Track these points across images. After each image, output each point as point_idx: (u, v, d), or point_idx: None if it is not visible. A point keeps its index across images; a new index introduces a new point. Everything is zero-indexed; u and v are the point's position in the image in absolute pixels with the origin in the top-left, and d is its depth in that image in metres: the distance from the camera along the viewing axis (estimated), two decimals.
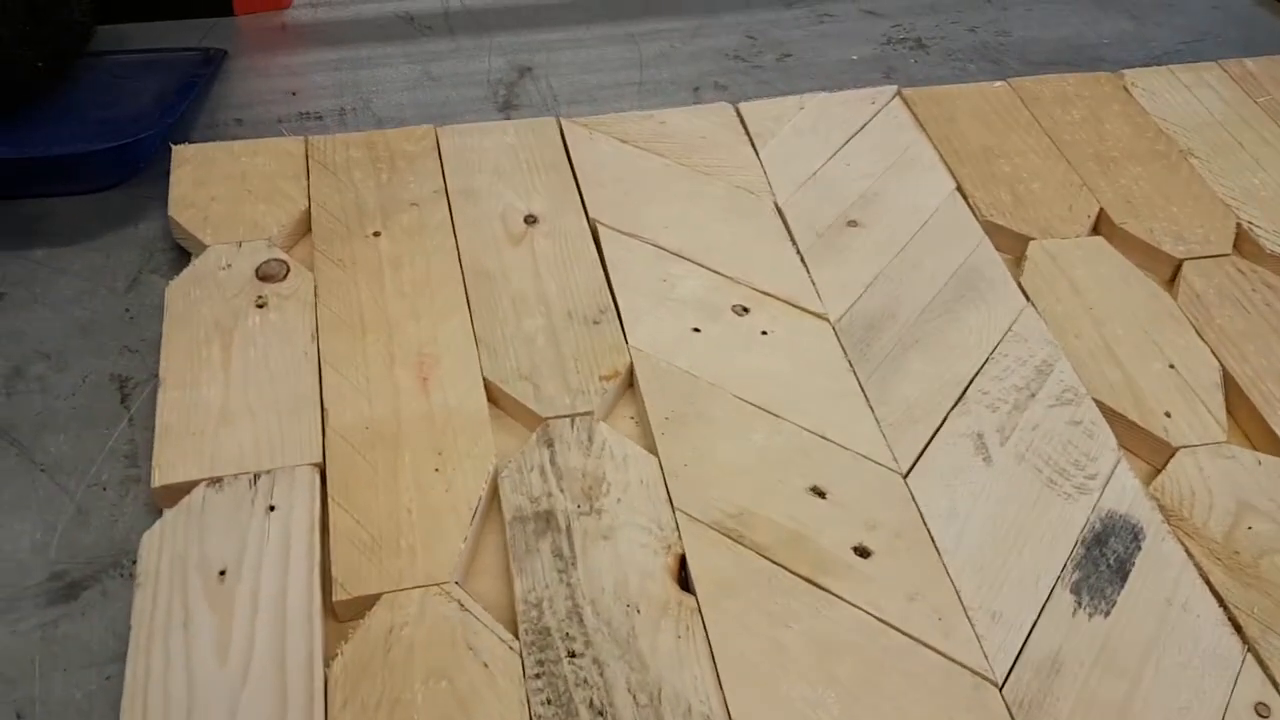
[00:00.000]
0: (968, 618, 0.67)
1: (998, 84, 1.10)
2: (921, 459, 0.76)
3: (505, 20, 1.21)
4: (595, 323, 0.84)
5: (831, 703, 0.62)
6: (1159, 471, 0.76)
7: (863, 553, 0.70)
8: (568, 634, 0.65)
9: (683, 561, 0.69)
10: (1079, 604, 0.68)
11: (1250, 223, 0.95)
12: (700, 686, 0.63)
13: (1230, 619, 0.68)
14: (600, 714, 0.61)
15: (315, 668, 0.62)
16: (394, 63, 1.14)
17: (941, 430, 0.78)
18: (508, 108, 1.09)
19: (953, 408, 0.79)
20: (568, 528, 0.70)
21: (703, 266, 0.89)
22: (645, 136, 1.01)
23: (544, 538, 0.69)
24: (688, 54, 1.17)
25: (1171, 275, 0.92)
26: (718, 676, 0.63)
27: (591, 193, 0.95)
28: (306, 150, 0.97)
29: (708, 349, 0.82)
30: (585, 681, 0.63)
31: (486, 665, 0.63)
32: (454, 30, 1.20)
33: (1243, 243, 0.94)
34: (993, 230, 0.94)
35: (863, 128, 1.04)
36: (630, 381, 0.80)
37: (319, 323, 0.82)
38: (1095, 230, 0.96)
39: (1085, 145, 1.03)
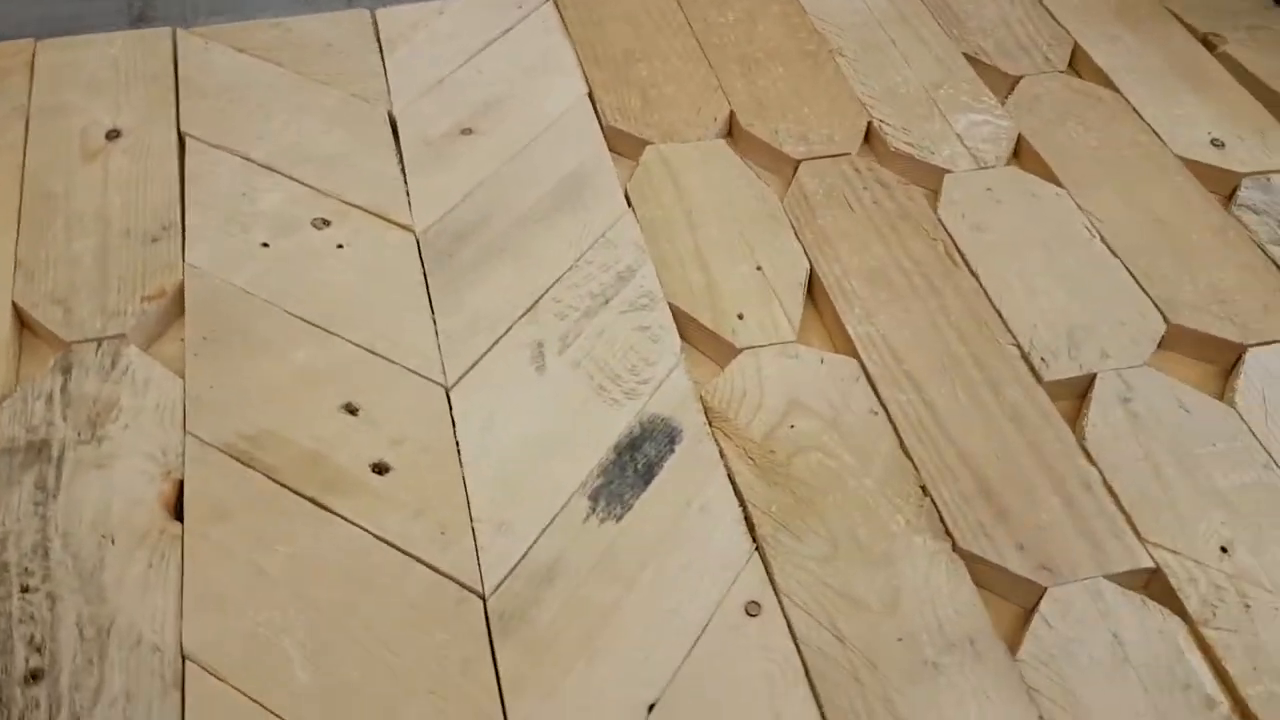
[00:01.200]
0: (473, 531, 0.64)
1: None
2: (471, 371, 0.73)
3: None
4: (154, 240, 0.79)
5: (299, 628, 0.60)
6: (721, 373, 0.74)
7: (381, 469, 0.67)
8: (27, 569, 0.61)
9: (180, 488, 0.65)
10: (593, 510, 0.66)
11: (881, 121, 0.93)
12: (158, 616, 0.60)
13: (746, 518, 0.66)
14: (39, 650, 0.58)
15: None
16: None
17: (501, 341, 0.74)
18: (140, 20, 1.02)
19: (520, 317, 0.76)
20: (59, 458, 0.66)
21: (291, 179, 0.84)
22: (266, 45, 0.96)
23: (30, 470, 0.65)
24: None
25: (792, 177, 0.90)
26: (181, 606, 0.60)
27: (190, 104, 0.89)
28: None
29: (273, 265, 0.78)
30: (31, 618, 0.59)
31: None
32: None
33: (872, 141, 0.92)
34: (615, 135, 0.91)
35: (505, 33, 1.00)
36: (180, 302, 0.76)
37: None
38: (727, 133, 0.93)
39: (733, 47, 0.99)
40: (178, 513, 0.64)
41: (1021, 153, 0.92)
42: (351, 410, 0.70)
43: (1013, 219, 0.85)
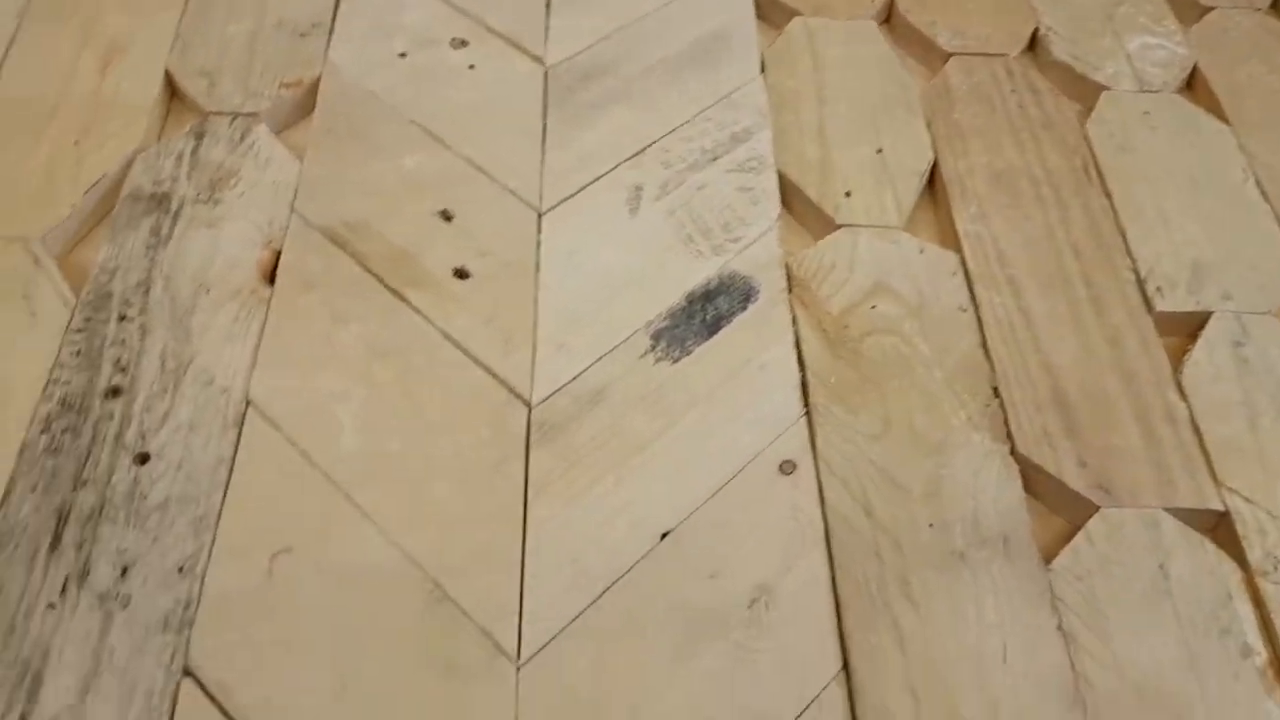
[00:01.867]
0: (534, 346, 0.66)
1: None
2: (567, 201, 0.74)
3: None
4: (303, 35, 0.82)
5: (354, 399, 0.63)
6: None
7: (462, 275, 0.69)
8: (128, 301, 0.66)
9: (277, 258, 0.69)
10: (653, 349, 0.66)
11: (1049, 29, 0.88)
12: (233, 364, 0.64)
13: (803, 384, 0.65)
14: (123, 371, 0.63)
15: None
16: None
17: (602, 179, 0.75)
18: None
19: (626, 160, 0.76)
20: (177, 212, 0.70)
21: None
22: None
23: (149, 217, 0.70)
24: None
25: (939, 70, 0.86)
26: (255, 359, 0.64)
27: None
28: None
29: (406, 75, 0.80)
30: (122, 342, 0.64)
31: (34, 314, 0.65)
32: None
33: (1035, 48, 0.88)
34: (765, 2, 0.89)
35: None
36: (314, 95, 0.79)
37: (29, 7, 0.82)
38: (884, 20, 0.90)
39: None
40: (271, 279, 0.68)
41: (1194, 85, 0.86)
42: (446, 217, 0.72)
43: (1164, 147, 0.80)
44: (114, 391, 0.62)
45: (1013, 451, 0.63)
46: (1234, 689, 0.55)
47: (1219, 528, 0.61)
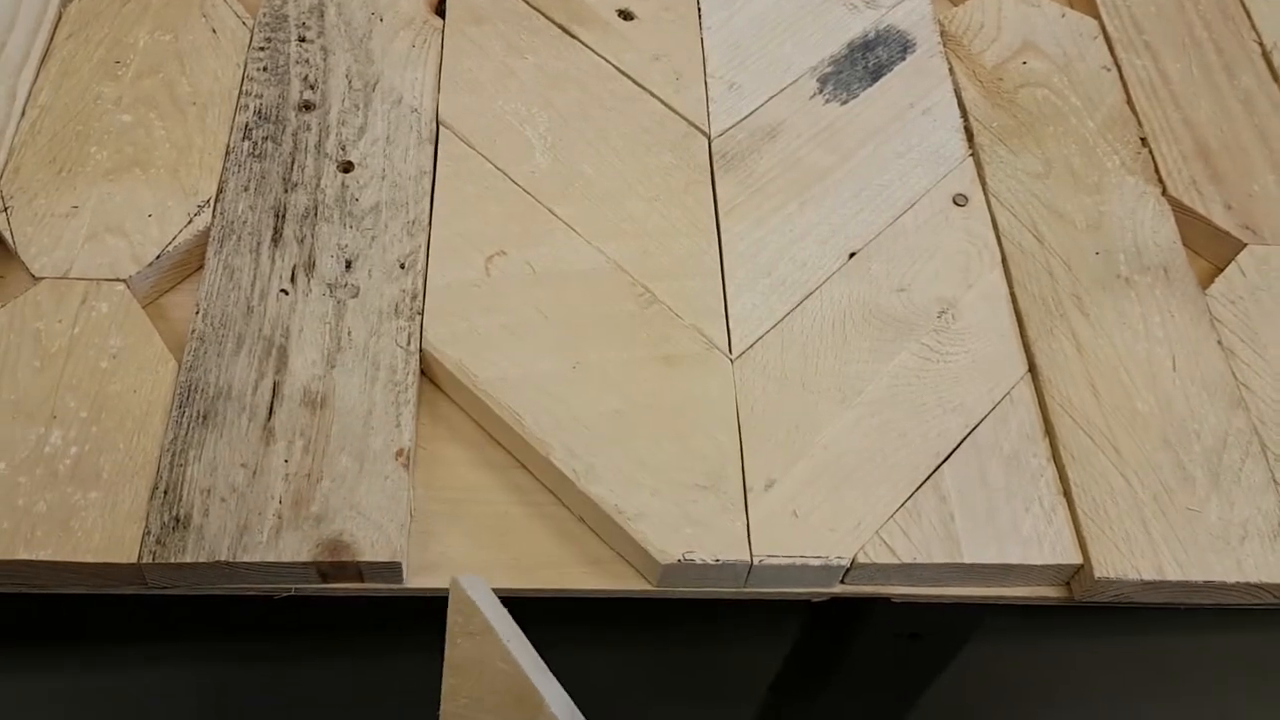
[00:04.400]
0: (705, 83, 0.67)
1: None
2: None
3: None
4: None
5: (540, 122, 0.64)
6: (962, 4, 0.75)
7: (626, 16, 0.70)
8: (304, 24, 0.66)
9: None
10: (820, 90, 0.68)
11: None
12: (418, 86, 0.64)
13: (966, 128, 0.68)
14: (312, 87, 0.63)
15: (50, 5, 0.64)
16: None
17: None
18: None
19: None
20: None
21: None
22: None
23: None
24: None
25: None
26: (439, 83, 0.65)
27: None
28: None
29: None
30: (306, 61, 0.64)
31: (215, 31, 0.65)
32: None
33: None
34: None
35: None
36: None
37: None
38: None
39: None
40: (439, 11, 0.68)
41: None
42: None
43: None
44: (306, 106, 0.62)
45: (1164, 193, 0.66)
46: None
47: None
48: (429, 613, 0.48)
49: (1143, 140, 0.69)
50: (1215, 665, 1.06)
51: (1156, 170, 0.67)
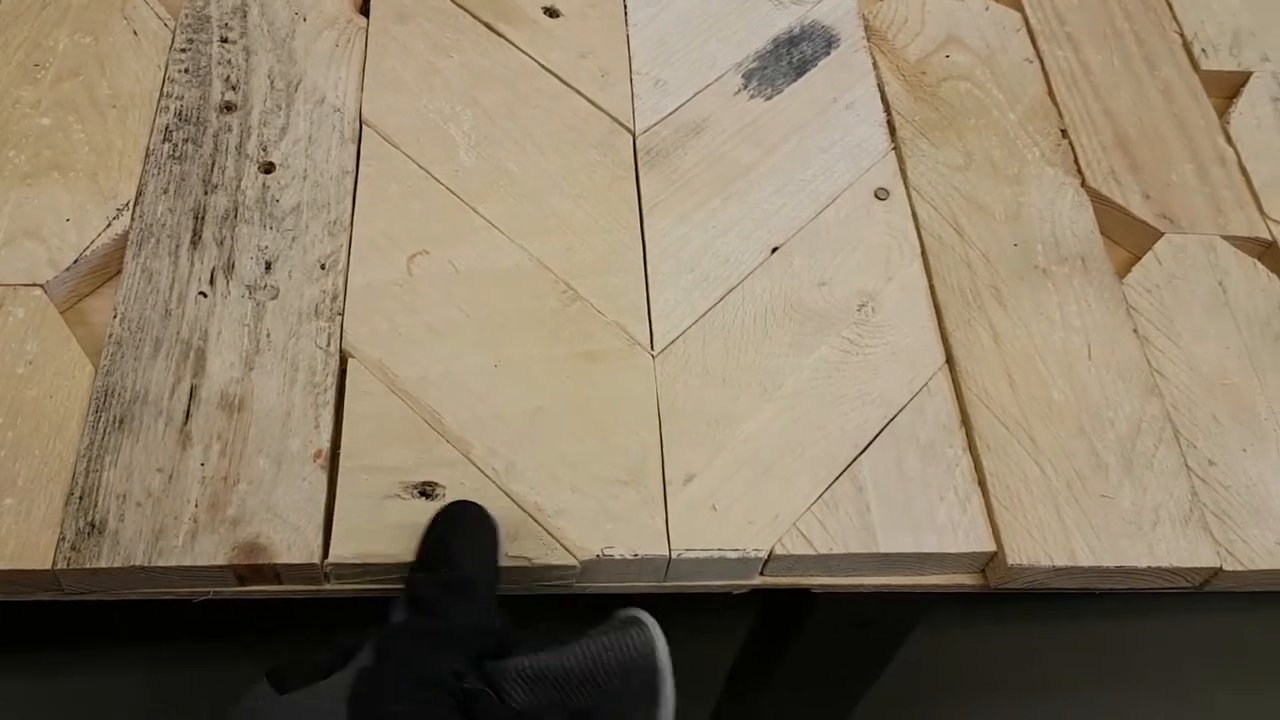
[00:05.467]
0: (631, 80, 0.68)
1: None
2: None
3: None
4: None
5: (465, 120, 0.64)
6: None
7: (552, 13, 0.70)
8: (226, 24, 0.66)
9: None
10: (745, 86, 0.69)
11: None
12: (341, 85, 0.64)
13: (889, 123, 0.69)
14: (233, 88, 0.63)
15: None
16: None
17: None
18: None
19: None
20: None
21: None
22: None
23: None
24: None
25: None
26: (363, 82, 0.65)
27: None
28: None
29: None
30: (229, 62, 0.64)
31: (136, 34, 0.64)
32: None
33: None
34: None
35: None
36: None
37: None
38: None
39: None
40: (363, 10, 0.68)
41: None
42: None
43: None
44: (228, 107, 0.62)
45: (1083, 184, 0.67)
46: None
47: (1266, 254, 0.67)
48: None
49: (1063, 131, 0.70)
50: (1179, 648, 1.08)
51: (1076, 161, 0.68)
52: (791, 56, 0.71)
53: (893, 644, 0.69)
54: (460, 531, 0.46)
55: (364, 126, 0.63)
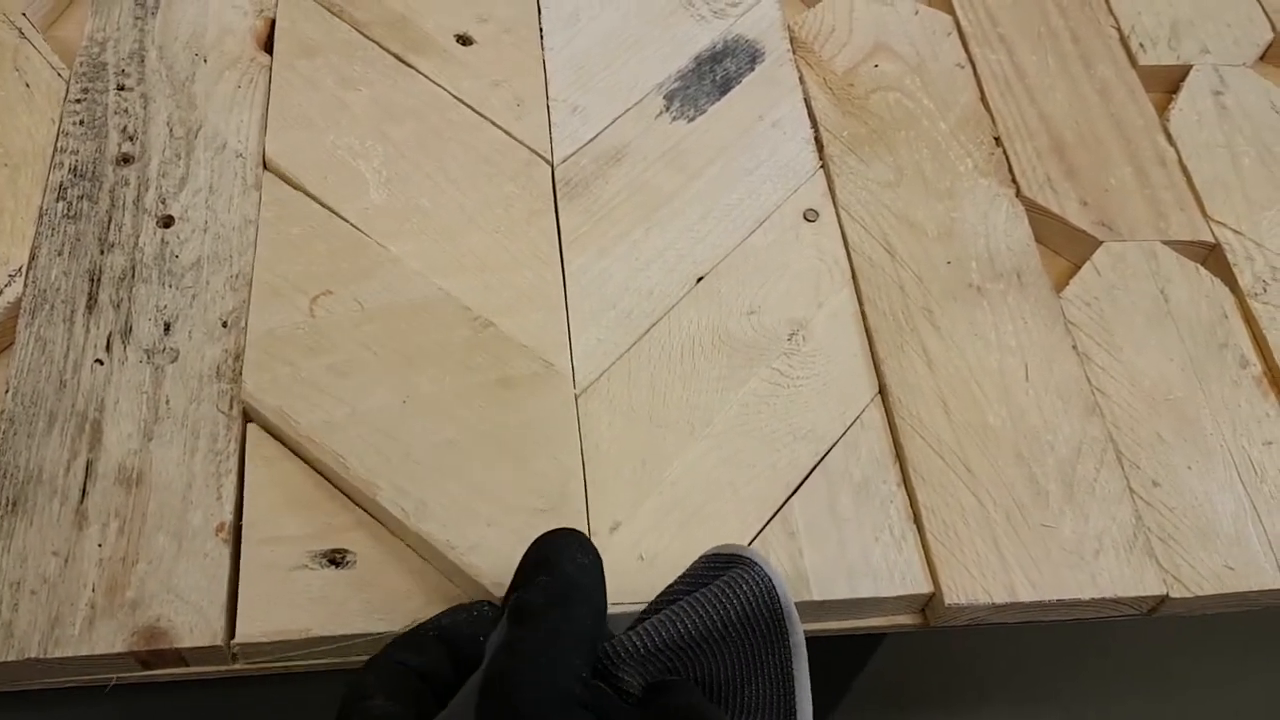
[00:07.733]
0: (548, 108, 0.66)
1: None
2: None
3: None
4: None
5: (375, 157, 0.62)
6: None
7: (465, 41, 0.68)
8: (123, 70, 0.63)
9: (272, 26, 0.67)
10: (667, 109, 0.67)
11: None
12: (244, 129, 0.62)
13: (816, 139, 0.67)
14: (131, 139, 0.61)
15: None
16: None
17: None
18: None
19: None
20: None
21: None
22: None
23: None
24: None
25: None
26: (266, 123, 0.62)
27: None
28: None
29: None
30: (125, 111, 0.62)
31: (29, 85, 0.62)
32: None
33: None
34: None
35: None
36: None
37: None
38: None
39: None
40: (267, 47, 0.66)
41: None
42: None
43: None
44: (125, 159, 0.60)
45: (1018, 194, 0.66)
46: (1235, 395, 0.59)
47: (1210, 258, 0.65)
48: None
49: (997, 139, 0.68)
50: (1159, 649, 1.06)
51: (1010, 170, 0.67)
52: (715, 74, 0.68)
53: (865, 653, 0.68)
54: (551, 543, 0.41)
55: (266, 169, 0.60)
